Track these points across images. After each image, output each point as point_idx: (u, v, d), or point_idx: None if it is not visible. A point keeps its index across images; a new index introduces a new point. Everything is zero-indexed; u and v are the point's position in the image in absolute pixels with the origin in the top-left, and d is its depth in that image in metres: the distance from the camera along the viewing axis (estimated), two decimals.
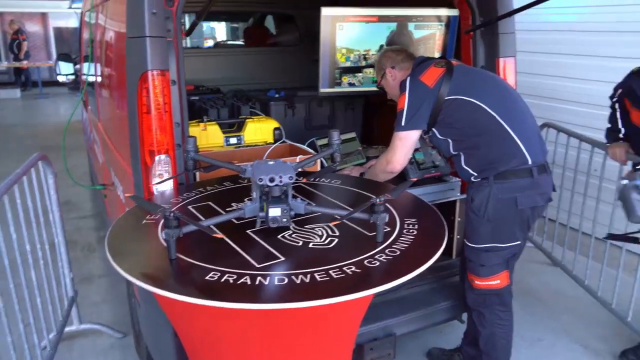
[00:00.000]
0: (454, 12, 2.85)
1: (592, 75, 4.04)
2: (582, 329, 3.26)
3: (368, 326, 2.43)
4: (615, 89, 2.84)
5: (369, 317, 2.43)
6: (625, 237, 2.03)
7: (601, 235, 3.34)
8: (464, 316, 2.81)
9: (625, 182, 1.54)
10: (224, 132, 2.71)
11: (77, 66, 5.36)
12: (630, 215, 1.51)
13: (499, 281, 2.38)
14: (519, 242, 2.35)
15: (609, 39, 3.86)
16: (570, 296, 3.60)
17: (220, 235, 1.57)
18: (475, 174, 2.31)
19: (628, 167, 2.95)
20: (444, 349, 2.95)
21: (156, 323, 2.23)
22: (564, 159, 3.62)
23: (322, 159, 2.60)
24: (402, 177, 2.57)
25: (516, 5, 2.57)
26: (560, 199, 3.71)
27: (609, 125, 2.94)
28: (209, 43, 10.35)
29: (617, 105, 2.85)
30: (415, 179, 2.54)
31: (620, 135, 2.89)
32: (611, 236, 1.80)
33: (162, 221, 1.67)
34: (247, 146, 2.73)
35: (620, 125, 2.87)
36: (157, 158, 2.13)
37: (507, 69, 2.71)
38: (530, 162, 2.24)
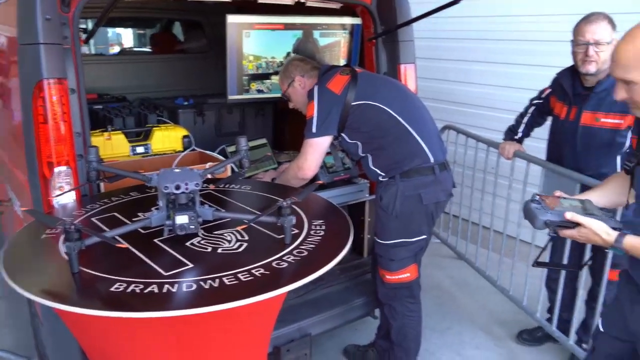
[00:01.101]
0: (356, 21, 2.97)
1: (488, 80, 4.34)
2: (485, 316, 3.50)
3: (284, 328, 2.47)
4: (541, 92, 2.98)
5: (285, 319, 2.49)
6: (552, 265, 2.21)
7: (499, 229, 3.60)
8: (377, 312, 2.92)
9: (524, 203, 1.69)
10: (130, 142, 2.65)
11: None
12: (534, 222, 1.61)
13: (408, 274, 2.51)
14: (425, 236, 2.49)
15: (503, 47, 4.17)
16: (474, 286, 3.84)
17: (124, 245, 1.55)
18: (383, 174, 2.43)
19: (518, 164, 3.22)
20: (359, 345, 3.04)
21: (61, 342, 2.13)
22: (463, 158, 3.87)
23: (233, 165, 2.61)
24: (314, 180, 2.64)
25: (413, 15, 2.73)
26: (461, 195, 3.95)
27: (512, 124, 3.15)
28: (116, 49, 9.93)
29: (530, 110, 3.02)
30: (321, 182, 2.61)
31: (516, 138, 3.11)
32: (538, 264, 1.93)
33: (62, 234, 1.61)
34: (155, 155, 2.68)
35: (520, 130, 3.08)
36: (56, 170, 2.04)
37: (408, 74, 2.85)
38: (432, 160, 2.39)
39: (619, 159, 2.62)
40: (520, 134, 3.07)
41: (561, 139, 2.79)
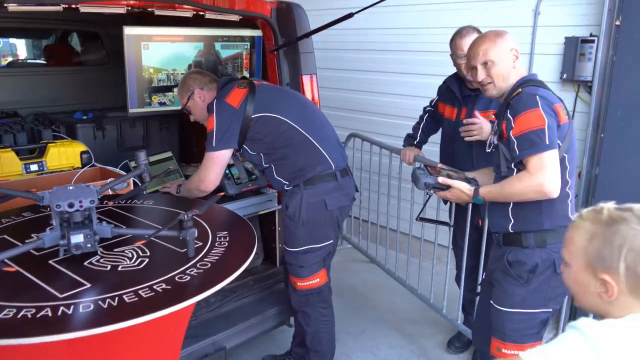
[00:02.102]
0: (257, 33, 3.00)
1: (391, 89, 4.52)
2: (397, 316, 3.63)
3: (197, 344, 2.43)
4: (432, 100, 3.13)
5: (198, 334, 2.46)
6: (433, 221, 2.62)
7: (405, 230, 3.77)
8: (292, 320, 2.95)
9: (412, 170, 2.11)
10: (22, 159, 2.51)
11: None
12: (417, 184, 2.01)
13: (318, 279, 2.56)
14: (331, 241, 2.56)
15: (403, 58, 4.38)
16: (386, 288, 3.97)
17: (12, 268, 1.46)
18: (287, 183, 2.47)
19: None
20: (276, 355, 3.05)
21: None
22: (369, 165, 4.01)
23: (136, 180, 2.54)
24: (218, 192, 2.62)
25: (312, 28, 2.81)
26: (369, 200, 4.09)
27: (410, 132, 3.30)
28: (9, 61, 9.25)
29: (425, 116, 3.17)
30: (223, 193, 2.62)
31: (415, 143, 3.27)
32: (421, 219, 2.29)
33: None
34: (51, 172, 2.56)
35: (418, 135, 3.24)
36: None
37: (311, 85, 2.93)
38: (333, 167, 2.47)
39: None
40: (418, 139, 3.24)
41: (454, 140, 2.92)
